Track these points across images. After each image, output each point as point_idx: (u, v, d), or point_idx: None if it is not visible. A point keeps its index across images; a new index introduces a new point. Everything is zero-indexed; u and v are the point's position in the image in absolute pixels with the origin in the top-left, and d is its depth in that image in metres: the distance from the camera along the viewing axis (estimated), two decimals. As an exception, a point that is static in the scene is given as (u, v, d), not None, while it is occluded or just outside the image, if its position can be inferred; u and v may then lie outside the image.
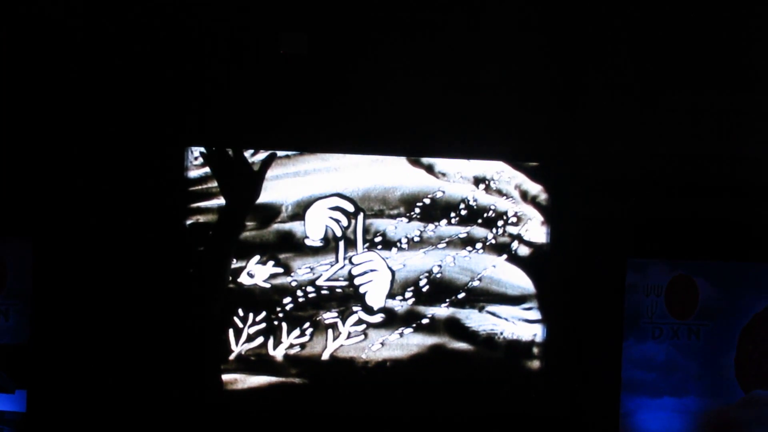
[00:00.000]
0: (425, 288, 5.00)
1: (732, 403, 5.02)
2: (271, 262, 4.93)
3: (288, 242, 4.94)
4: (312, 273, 4.96)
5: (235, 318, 4.92)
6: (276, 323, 4.94)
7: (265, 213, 4.93)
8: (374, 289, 4.98)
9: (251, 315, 4.92)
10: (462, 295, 5.01)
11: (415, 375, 5.00)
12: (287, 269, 4.94)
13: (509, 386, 5.03)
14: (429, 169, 5.01)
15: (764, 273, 5.04)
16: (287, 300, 4.94)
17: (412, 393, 5.00)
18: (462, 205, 5.01)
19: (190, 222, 4.88)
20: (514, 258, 5.04)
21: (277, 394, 4.94)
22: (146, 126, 4.91)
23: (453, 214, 5.01)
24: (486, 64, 5.03)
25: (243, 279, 4.92)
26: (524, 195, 5.04)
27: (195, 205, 4.89)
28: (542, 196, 5.05)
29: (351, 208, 4.97)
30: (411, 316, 5.00)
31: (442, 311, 5.01)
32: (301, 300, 4.95)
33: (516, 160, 5.02)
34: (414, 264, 5.00)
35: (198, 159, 4.91)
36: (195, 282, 3.57)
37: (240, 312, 4.92)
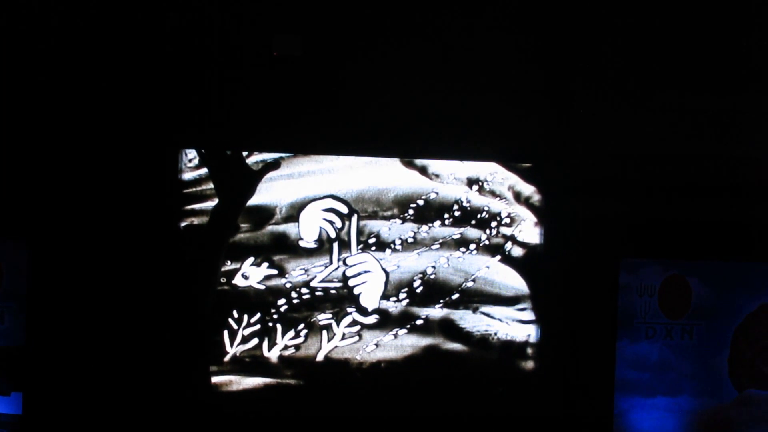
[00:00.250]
0: (419, 289, 5.01)
1: (725, 403, 5.04)
2: (266, 264, 4.94)
3: (282, 244, 4.95)
4: (306, 274, 4.97)
5: (230, 319, 4.93)
6: (271, 325, 4.95)
7: (260, 215, 4.94)
8: (368, 291, 4.99)
9: (246, 317, 4.93)
10: (456, 296, 5.02)
11: (410, 376, 5.02)
12: (282, 271, 4.95)
13: (503, 386, 5.05)
14: (422, 171, 5.02)
15: (757, 273, 5.06)
16: (282, 301, 4.95)
17: (407, 394, 5.01)
18: (455, 207, 5.02)
19: (185, 224, 4.89)
20: (508, 259, 5.05)
21: (272, 395, 4.94)
22: (141, 129, 4.92)
23: (447, 216, 5.02)
24: (479, 67, 5.04)
25: (238, 281, 4.93)
26: (517, 196, 5.06)
27: (190, 207, 4.90)
28: (535, 197, 5.06)
29: (345, 210, 4.98)
30: (405, 317, 5.02)
31: (437, 312, 5.03)
32: (296, 301, 4.96)
33: (509, 162, 5.04)
34: (408, 265, 5.01)
35: (193, 161, 4.92)
36: (186, 282, 3.58)
37: (235, 313, 4.93)
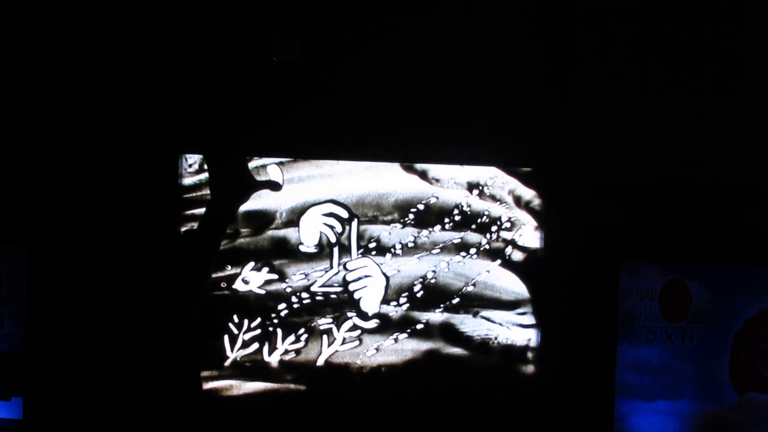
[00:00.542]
0: (419, 293, 5.01)
1: (726, 406, 5.03)
2: (266, 269, 4.94)
3: (282, 249, 4.95)
4: (306, 279, 4.97)
5: (231, 324, 4.93)
6: (271, 329, 4.95)
7: (260, 220, 4.94)
8: (369, 295, 4.99)
9: (246, 321, 4.93)
10: (456, 301, 5.02)
11: (411, 380, 5.01)
12: (282, 275, 4.95)
13: (504, 391, 5.04)
14: (423, 175, 5.02)
15: (757, 277, 5.05)
16: (282, 306, 4.95)
17: (408, 398, 5.01)
18: (456, 211, 5.02)
19: (185, 229, 4.89)
20: (508, 263, 5.05)
21: (273, 400, 4.94)
22: (141, 134, 4.92)
23: (447, 220, 5.02)
24: (479, 71, 5.04)
25: (238, 285, 4.93)
26: (518, 200, 5.06)
27: (189, 212, 4.90)
28: (536, 201, 5.06)
29: (345, 215, 4.98)
30: (406, 322, 5.01)
31: (437, 316, 5.02)
32: (296, 306, 4.96)
33: (509, 166, 5.04)
34: (408, 270, 5.01)
35: (193, 166, 4.92)
36: (177, 287, 3.57)
37: (235, 318, 4.93)
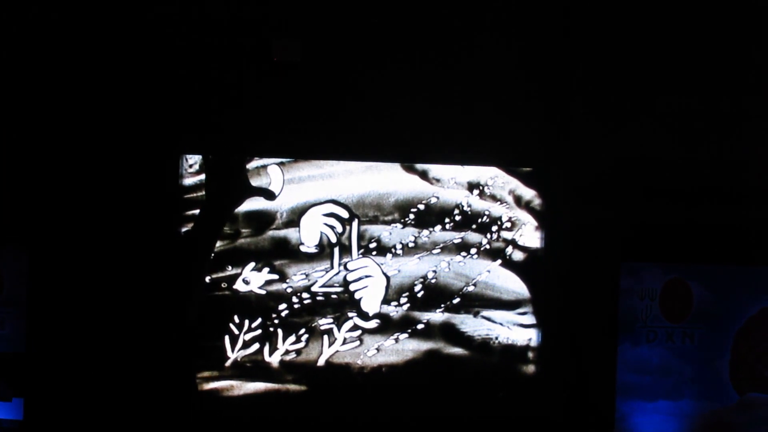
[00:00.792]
0: (420, 294, 5.01)
1: (727, 406, 5.03)
2: (267, 269, 4.94)
3: (283, 249, 4.95)
4: (307, 279, 4.97)
5: (231, 324, 4.93)
6: (272, 329, 4.95)
7: (261, 220, 4.94)
8: (369, 295, 4.99)
9: (247, 321, 4.93)
10: (457, 301, 5.02)
11: (411, 380, 5.01)
12: (282, 276, 4.95)
13: (505, 391, 5.04)
14: (423, 175, 5.02)
15: (758, 276, 5.05)
16: (283, 306, 4.95)
17: (408, 398, 5.01)
18: (456, 211, 5.02)
19: (186, 230, 4.89)
20: (509, 263, 5.05)
21: (274, 400, 4.94)
22: (141, 134, 4.92)
23: (447, 220, 5.02)
24: (479, 71, 5.05)
25: (239, 286, 4.93)
26: (518, 200, 5.06)
27: (190, 213, 4.90)
28: (536, 201, 5.06)
29: (346, 215, 4.98)
30: (406, 322, 5.01)
31: (437, 316, 5.02)
32: (297, 306, 4.96)
33: (510, 166, 5.04)
34: (409, 270, 5.01)
35: (193, 167, 4.92)
36: (173, 289, 3.57)
37: (236, 318, 4.93)
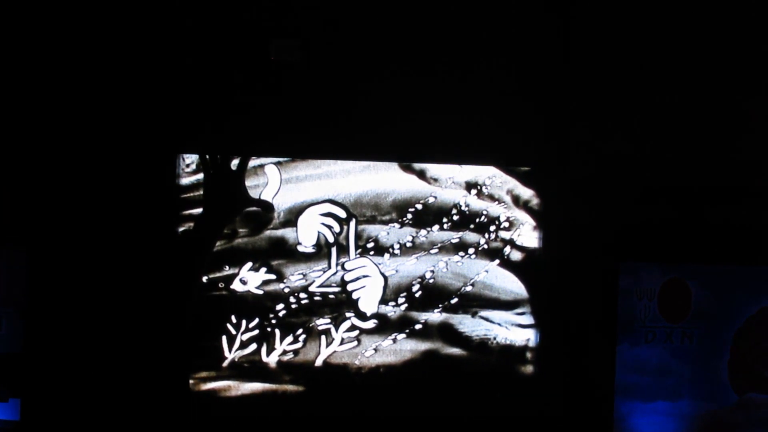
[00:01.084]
0: (418, 294, 5.00)
1: (726, 407, 5.02)
2: (264, 269, 4.93)
3: (280, 249, 4.94)
4: (304, 279, 4.95)
5: (228, 325, 4.92)
6: (269, 330, 4.94)
7: (258, 220, 4.93)
8: (367, 295, 4.98)
9: (244, 322, 4.92)
10: (455, 301, 5.01)
11: (409, 381, 5.00)
12: (280, 276, 4.94)
13: (503, 391, 5.03)
14: (421, 175, 5.01)
15: (757, 276, 5.04)
16: (280, 306, 4.94)
17: (406, 399, 5.00)
18: (454, 211, 5.01)
19: (183, 229, 4.88)
20: (507, 263, 5.04)
21: (271, 401, 4.93)
22: (138, 134, 4.91)
23: (445, 220, 5.01)
24: (478, 70, 5.04)
25: (236, 286, 4.92)
26: (516, 200, 5.04)
27: (187, 212, 4.89)
28: (534, 201, 5.05)
29: (343, 215, 4.97)
30: (404, 322, 5.00)
31: (436, 317, 5.01)
32: (294, 306, 4.95)
33: (508, 165, 5.03)
34: (407, 269, 5.00)
35: (190, 166, 4.91)
36: (171, 289, 3.57)
37: (233, 319, 4.92)
